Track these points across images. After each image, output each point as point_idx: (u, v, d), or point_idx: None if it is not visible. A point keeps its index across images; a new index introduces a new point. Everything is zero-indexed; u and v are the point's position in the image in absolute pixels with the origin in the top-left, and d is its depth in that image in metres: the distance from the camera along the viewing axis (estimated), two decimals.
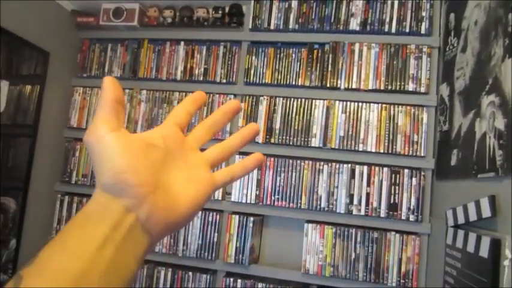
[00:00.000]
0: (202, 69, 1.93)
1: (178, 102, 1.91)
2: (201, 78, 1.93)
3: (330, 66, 1.81)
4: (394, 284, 1.66)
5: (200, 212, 1.86)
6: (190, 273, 1.83)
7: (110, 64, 2.03)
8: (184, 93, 1.94)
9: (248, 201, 1.82)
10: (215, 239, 1.83)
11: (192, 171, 0.37)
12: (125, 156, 0.31)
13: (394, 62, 1.75)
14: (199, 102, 0.41)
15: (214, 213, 1.85)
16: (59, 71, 1.99)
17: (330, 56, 1.81)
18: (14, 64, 1.73)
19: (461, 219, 1.28)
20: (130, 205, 0.31)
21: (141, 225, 0.31)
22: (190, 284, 1.82)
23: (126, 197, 0.30)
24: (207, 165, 0.39)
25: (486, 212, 1.11)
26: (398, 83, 1.74)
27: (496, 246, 1.02)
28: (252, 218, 1.82)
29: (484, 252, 1.07)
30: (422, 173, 1.68)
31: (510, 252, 0.98)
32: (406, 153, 1.71)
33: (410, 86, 1.72)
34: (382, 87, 1.75)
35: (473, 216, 1.19)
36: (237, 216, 1.83)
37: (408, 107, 1.72)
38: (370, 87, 1.76)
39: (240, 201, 1.83)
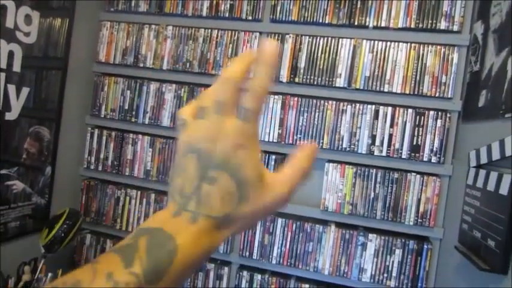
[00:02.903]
0: (228, 5, 1.90)
1: (203, 40, 1.92)
2: (227, 15, 1.91)
3: (359, 3, 1.75)
4: (411, 223, 1.70)
5: None
6: None
7: None
8: (210, 30, 1.93)
9: (271, 140, 1.85)
10: None
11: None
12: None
13: None
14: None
15: None
16: (87, 5, 2.00)
17: None
18: None
19: (483, 159, 1.27)
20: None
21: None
22: None
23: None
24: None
25: (510, 150, 1.10)
26: (429, 21, 1.67)
27: None
28: (273, 157, 1.86)
29: (504, 190, 1.08)
30: (448, 115, 1.66)
31: None
32: (433, 95, 1.68)
33: (443, 25, 1.66)
34: (412, 26, 1.69)
35: (496, 155, 1.18)
36: (259, 154, 1.86)
37: (438, 47, 1.67)
38: (399, 26, 1.71)
39: (262, 139, 1.86)
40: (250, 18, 1.88)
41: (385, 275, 1.72)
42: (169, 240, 0.31)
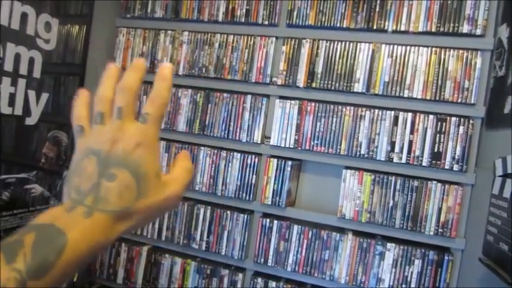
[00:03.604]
0: (244, 10, 1.89)
1: (219, 45, 1.91)
2: (243, 20, 1.89)
3: (377, 6, 1.71)
4: (431, 233, 1.64)
5: (240, 155, 1.90)
6: (229, 212, 1.91)
7: (152, 4, 2.03)
8: (225, 35, 1.92)
9: (287, 146, 1.83)
10: (253, 181, 1.88)
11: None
12: None
13: (449, 2, 1.62)
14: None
15: (253, 156, 1.88)
16: (104, 11, 2.02)
17: None
18: (62, 3, 1.77)
19: (510, 168, 1.22)
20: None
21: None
22: (228, 222, 1.90)
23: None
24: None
25: None
26: (451, 25, 1.62)
27: None
28: (290, 162, 1.84)
29: None
30: (471, 122, 1.61)
31: None
32: (455, 101, 1.62)
33: (465, 28, 1.60)
34: (433, 30, 1.64)
35: None
36: (275, 160, 1.85)
37: (461, 51, 1.62)
38: (420, 30, 1.66)
39: (278, 145, 1.84)
40: (266, 23, 1.87)
41: (404, 286, 1.67)
42: (59, 235, 0.31)
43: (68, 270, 0.31)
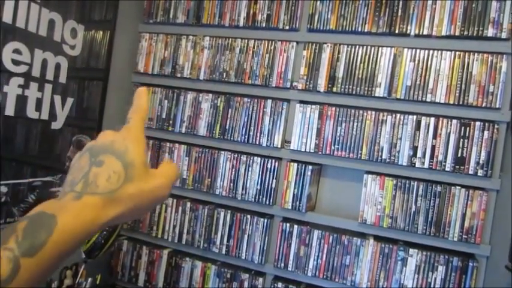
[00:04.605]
0: (265, 15, 1.90)
1: (240, 50, 1.93)
2: (264, 25, 1.91)
3: (400, 10, 1.71)
4: (455, 239, 1.62)
5: (260, 159, 1.90)
6: (249, 216, 1.91)
7: (174, 10, 2.06)
8: (246, 40, 1.93)
9: (307, 150, 1.83)
10: (273, 186, 1.88)
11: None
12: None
13: (473, 5, 1.61)
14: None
15: (273, 161, 1.88)
16: (127, 17, 2.06)
17: (401, 0, 1.70)
18: (87, 9, 1.81)
19: None
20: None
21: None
22: (248, 226, 1.91)
23: None
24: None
25: None
26: (475, 28, 1.61)
27: None
28: (310, 167, 1.83)
29: None
30: (496, 126, 1.58)
31: None
32: (479, 105, 1.61)
33: (490, 32, 1.58)
34: (457, 33, 1.63)
35: None
36: (295, 164, 1.85)
37: (485, 55, 1.60)
38: (443, 34, 1.65)
39: (299, 149, 1.84)
40: (287, 27, 1.87)
41: None
42: (49, 218, 0.33)
43: (59, 249, 0.32)
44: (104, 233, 1.76)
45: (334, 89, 1.80)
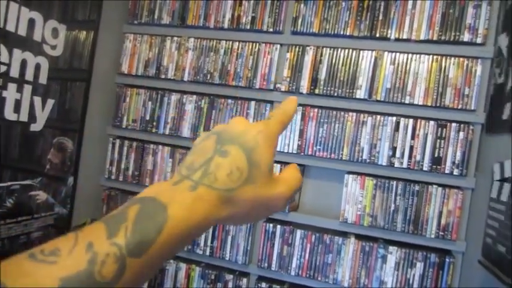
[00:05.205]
0: (249, 18, 1.92)
1: (224, 52, 1.94)
2: (248, 27, 1.93)
3: (380, 15, 1.76)
4: (432, 236, 1.68)
5: None
6: None
7: (159, 11, 2.06)
8: (231, 42, 1.95)
9: (290, 151, 1.86)
10: None
11: None
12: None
13: (451, 11, 1.67)
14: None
15: None
16: (111, 17, 2.04)
17: (382, 4, 1.76)
18: (69, 9, 1.79)
19: (508, 173, 1.26)
20: None
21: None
22: (231, 227, 1.92)
23: None
24: None
25: None
26: (452, 34, 1.67)
27: None
28: None
29: None
30: (471, 127, 1.65)
31: None
32: (455, 107, 1.67)
33: (466, 37, 1.65)
34: (434, 38, 1.69)
35: None
36: (279, 166, 1.87)
37: (461, 59, 1.67)
38: (422, 38, 1.71)
39: (281, 150, 1.87)
40: (271, 30, 1.90)
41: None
42: (160, 210, 0.30)
43: (166, 249, 0.30)
44: None
45: (317, 91, 1.84)
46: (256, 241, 1.90)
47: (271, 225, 1.88)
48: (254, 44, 1.92)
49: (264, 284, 1.88)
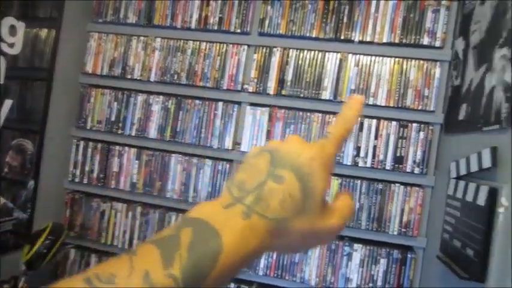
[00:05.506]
0: (217, 18, 1.92)
1: (192, 52, 1.93)
2: (216, 28, 1.93)
3: (345, 18, 1.80)
4: (395, 233, 1.73)
5: (211, 161, 1.92)
6: None
7: (125, 10, 2.02)
8: (198, 42, 1.94)
9: None
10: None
11: None
12: None
13: (411, 15, 1.74)
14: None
15: (224, 163, 1.91)
16: (75, 15, 1.98)
17: (346, 7, 1.80)
18: (29, 6, 1.73)
19: (463, 171, 1.32)
20: None
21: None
22: None
23: None
24: None
25: (487, 163, 1.14)
26: (413, 37, 1.73)
27: (493, 194, 1.06)
28: None
29: (482, 200, 1.12)
30: (430, 128, 1.72)
31: (506, 200, 1.03)
32: (416, 108, 1.73)
33: (425, 40, 1.72)
34: (396, 41, 1.75)
35: (474, 167, 1.23)
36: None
37: (421, 62, 1.73)
38: (384, 41, 1.76)
39: (248, 150, 1.87)
40: (238, 31, 1.91)
41: (371, 284, 1.75)
42: (214, 237, 0.29)
43: (218, 280, 0.28)
44: (47, 242, 1.68)
45: (283, 92, 1.86)
46: None
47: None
48: (222, 44, 1.92)
49: (232, 285, 1.88)
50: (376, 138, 1.77)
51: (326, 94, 1.82)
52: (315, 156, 0.33)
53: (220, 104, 1.92)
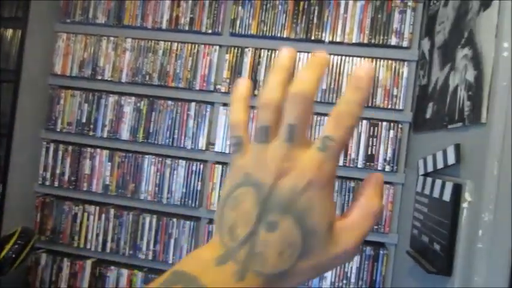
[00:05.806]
0: (188, 19, 1.91)
1: (163, 52, 1.92)
2: (187, 28, 1.92)
3: (315, 18, 1.82)
4: None
5: (184, 162, 1.91)
6: (175, 219, 1.91)
7: (94, 10, 1.99)
8: (169, 43, 1.93)
9: (231, 152, 1.87)
10: (199, 188, 1.89)
11: None
12: None
13: (379, 16, 1.77)
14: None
15: (198, 163, 1.90)
16: (41, 15, 1.94)
17: (316, 8, 1.82)
18: None
19: (430, 168, 1.35)
20: None
21: None
22: (174, 230, 1.90)
23: None
24: None
25: (451, 160, 1.17)
26: (381, 37, 1.77)
27: (458, 190, 1.09)
28: None
29: (447, 196, 1.15)
30: (400, 126, 1.75)
31: (469, 196, 1.06)
32: (385, 107, 1.76)
33: (393, 41, 1.75)
34: (365, 41, 1.78)
35: (440, 164, 1.26)
36: (220, 166, 1.88)
37: (390, 61, 1.76)
38: (354, 41, 1.79)
39: (223, 151, 1.88)
40: (210, 31, 1.90)
41: (344, 281, 1.77)
42: None
43: None
44: (16, 246, 1.64)
45: (256, 92, 1.86)
46: (200, 243, 1.90)
47: (214, 226, 1.87)
48: (193, 45, 1.91)
49: None
50: None
51: None
52: (310, 181, 0.27)
53: (193, 104, 1.91)
